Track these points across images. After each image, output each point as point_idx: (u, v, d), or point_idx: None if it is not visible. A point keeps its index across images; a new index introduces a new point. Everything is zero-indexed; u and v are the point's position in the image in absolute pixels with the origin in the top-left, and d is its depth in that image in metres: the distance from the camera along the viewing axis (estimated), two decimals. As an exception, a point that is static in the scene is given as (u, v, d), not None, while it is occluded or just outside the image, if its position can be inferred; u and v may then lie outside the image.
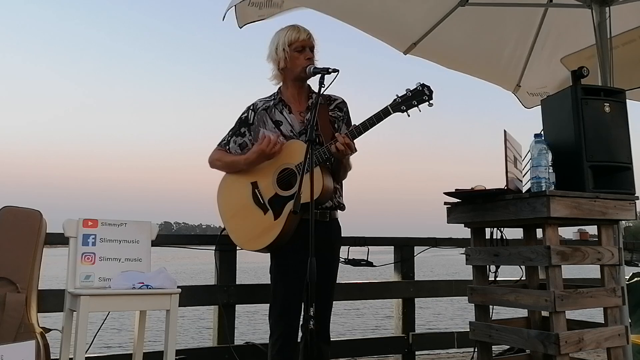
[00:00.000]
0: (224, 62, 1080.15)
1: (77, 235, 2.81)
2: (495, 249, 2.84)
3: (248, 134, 2.87)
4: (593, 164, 2.62)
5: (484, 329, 2.81)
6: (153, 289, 2.68)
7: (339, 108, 2.90)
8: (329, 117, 2.82)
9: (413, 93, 2.59)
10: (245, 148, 2.86)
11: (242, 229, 2.81)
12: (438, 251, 4.48)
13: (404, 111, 2.58)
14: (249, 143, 2.86)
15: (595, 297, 2.59)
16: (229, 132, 2.93)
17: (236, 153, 2.88)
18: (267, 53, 2.84)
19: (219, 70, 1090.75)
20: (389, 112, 2.59)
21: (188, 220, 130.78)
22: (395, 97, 2.60)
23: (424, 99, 2.59)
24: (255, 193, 2.76)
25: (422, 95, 2.58)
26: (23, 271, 2.88)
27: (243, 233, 2.81)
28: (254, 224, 2.73)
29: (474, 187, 2.78)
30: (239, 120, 2.92)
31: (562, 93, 2.78)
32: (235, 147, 2.89)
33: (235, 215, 2.84)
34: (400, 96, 2.60)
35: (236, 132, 2.91)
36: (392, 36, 3.96)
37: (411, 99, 2.58)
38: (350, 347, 4.14)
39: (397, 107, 2.58)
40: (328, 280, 2.75)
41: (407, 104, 2.58)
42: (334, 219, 2.84)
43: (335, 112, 2.87)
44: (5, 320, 2.72)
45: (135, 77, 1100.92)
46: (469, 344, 3.14)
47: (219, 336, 3.57)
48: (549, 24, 4.02)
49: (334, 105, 2.89)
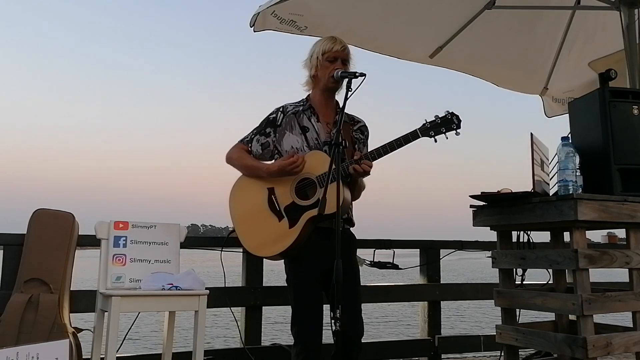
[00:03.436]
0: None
1: (108, 237, 2.88)
2: (522, 252, 2.83)
3: (273, 134, 2.88)
4: (621, 167, 2.60)
5: (510, 332, 2.79)
6: (182, 290, 2.73)
7: (361, 131, 2.96)
8: (352, 136, 2.87)
9: (442, 120, 2.64)
10: (267, 148, 2.88)
11: (255, 233, 2.80)
12: (464, 254, 4.46)
13: (431, 136, 2.64)
14: (271, 144, 2.87)
15: (624, 301, 2.56)
16: (252, 130, 2.93)
17: (256, 152, 2.89)
18: (304, 60, 2.89)
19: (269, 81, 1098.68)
20: (417, 136, 2.64)
21: (215, 222, 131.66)
22: (424, 122, 2.65)
23: (452, 127, 2.64)
24: (271, 199, 2.76)
25: (450, 123, 2.64)
26: (56, 272, 2.95)
27: (255, 238, 2.80)
28: (268, 230, 2.73)
29: (500, 190, 2.77)
30: (266, 119, 2.92)
31: (590, 96, 2.76)
32: (257, 146, 2.89)
33: (248, 219, 2.83)
34: (429, 122, 2.64)
35: (260, 131, 2.91)
36: (417, 41, 3.97)
37: (440, 126, 2.63)
38: (376, 349, 4.14)
39: (426, 132, 2.64)
40: (350, 282, 2.75)
41: (435, 131, 2.63)
42: (347, 229, 2.86)
43: (358, 134, 2.93)
44: (38, 320, 2.80)
45: (179, 77, 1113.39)
46: (496, 347, 3.13)
47: (246, 337, 3.61)
48: (575, 29, 4.00)
49: (357, 127, 2.95)
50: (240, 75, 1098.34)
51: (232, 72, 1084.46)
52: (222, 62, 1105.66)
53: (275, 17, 3.44)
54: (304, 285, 2.68)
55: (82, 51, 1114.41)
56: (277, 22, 3.48)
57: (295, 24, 3.48)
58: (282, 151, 2.84)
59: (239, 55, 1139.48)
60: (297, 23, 3.47)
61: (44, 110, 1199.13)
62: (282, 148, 2.84)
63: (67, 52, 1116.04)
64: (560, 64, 4.23)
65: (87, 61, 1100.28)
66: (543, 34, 4.08)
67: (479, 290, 4.39)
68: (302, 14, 3.46)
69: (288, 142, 2.82)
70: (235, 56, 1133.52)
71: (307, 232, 2.66)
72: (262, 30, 3.51)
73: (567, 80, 4.33)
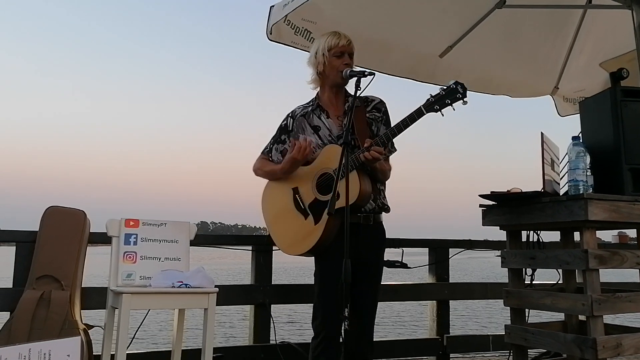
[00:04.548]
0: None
1: (119, 235, 2.90)
2: (532, 252, 2.82)
3: (288, 141, 2.89)
4: (633, 167, 2.58)
5: (519, 332, 2.79)
6: (192, 287, 2.75)
7: (377, 109, 2.88)
8: (366, 119, 2.82)
9: (446, 92, 2.51)
10: (286, 154, 2.88)
11: (285, 234, 2.84)
12: (473, 253, 4.46)
13: (437, 110, 2.51)
14: (289, 149, 2.88)
15: (635, 302, 2.55)
16: (270, 140, 2.98)
17: (277, 161, 2.91)
18: (308, 57, 2.87)
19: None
20: (422, 113, 2.53)
21: (224, 220, 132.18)
22: (429, 97, 2.53)
23: (457, 97, 2.49)
24: (296, 198, 2.78)
25: (455, 93, 2.49)
26: (67, 269, 2.98)
27: (286, 238, 2.84)
28: (296, 229, 2.76)
29: (510, 190, 2.77)
30: (279, 128, 2.95)
31: (601, 95, 2.75)
32: (277, 155, 2.93)
33: (278, 220, 2.87)
34: (433, 96, 2.53)
35: (277, 140, 2.95)
36: (427, 40, 3.96)
37: (445, 98, 2.50)
38: (384, 348, 4.15)
39: (431, 107, 2.51)
40: (372, 283, 2.75)
41: (441, 104, 2.50)
42: (379, 223, 2.82)
43: (373, 114, 2.86)
44: (50, 316, 2.82)
45: (179, 72, 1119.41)
46: (504, 347, 3.13)
47: (255, 335, 3.62)
48: (586, 29, 3.98)
49: (372, 106, 2.88)
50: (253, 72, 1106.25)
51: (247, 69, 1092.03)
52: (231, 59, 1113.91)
53: (288, 26, 3.39)
54: (327, 280, 2.69)
55: (96, 49, 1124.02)
56: (291, 33, 3.42)
57: (311, 35, 3.42)
58: None
59: (238, 55, 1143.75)
60: (313, 34, 3.41)
61: (58, 109, 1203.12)
62: None
63: (82, 48, 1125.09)
64: (571, 63, 4.21)
65: (101, 58, 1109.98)
66: (554, 33, 4.06)
67: (488, 290, 4.38)
68: (315, 21, 3.42)
69: None
70: (233, 55, 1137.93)
71: (333, 227, 2.64)
72: (277, 42, 3.45)
73: (578, 80, 4.31)
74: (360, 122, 2.76)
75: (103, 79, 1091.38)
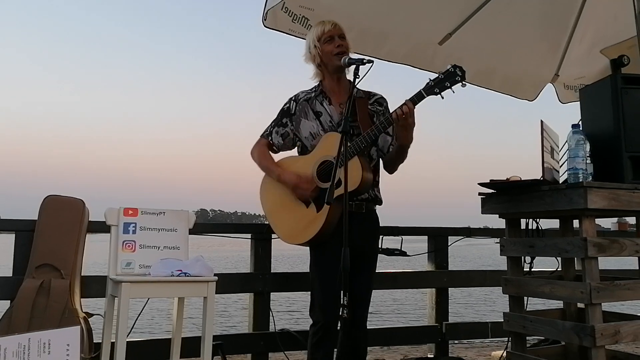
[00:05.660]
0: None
1: (118, 224, 2.90)
2: (531, 240, 2.82)
3: (290, 124, 2.92)
4: (632, 155, 2.57)
5: (518, 319, 2.80)
6: (191, 276, 2.75)
7: (379, 103, 2.92)
8: (368, 110, 2.84)
9: (445, 75, 2.56)
10: (287, 137, 2.92)
11: (286, 223, 2.84)
12: (472, 240, 4.46)
13: (437, 93, 2.56)
14: (291, 133, 2.91)
15: (633, 290, 2.55)
16: (271, 123, 2.98)
17: (279, 143, 2.93)
18: (304, 56, 2.90)
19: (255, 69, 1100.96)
20: (422, 97, 2.58)
21: (223, 207, 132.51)
22: (428, 81, 2.58)
23: (456, 79, 2.55)
24: None
25: (454, 76, 2.54)
26: (67, 258, 2.98)
27: (287, 227, 2.83)
28: (298, 218, 2.75)
29: (509, 178, 2.76)
30: (281, 111, 2.96)
31: (601, 82, 2.73)
32: (277, 138, 2.94)
33: (277, 209, 2.87)
34: (432, 79, 2.57)
35: (278, 123, 2.95)
36: (426, 27, 3.94)
37: (444, 81, 2.55)
38: (383, 336, 4.17)
39: (431, 90, 2.56)
40: (366, 271, 2.77)
41: (441, 87, 2.55)
42: (372, 211, 2.84)
43: (375, 107, 2.89)
44: (50, 305, 2.83)
45: (175, 61, 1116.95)
46: (503, 334, 3.13)
47: (254, 323, 3.63)
48: (587, 16, 3.96)
49: (374, 100, 2.91)
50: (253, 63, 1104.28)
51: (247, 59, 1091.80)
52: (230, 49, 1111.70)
53: (286, 13, 3.36)
54: (324, 269, 2.71)
55: (96, 39, 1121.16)
56: (289, 20, 3.39)
57: (308, 22, 3.39)
58: (301, 138, 2.87)
59: (238, 54, 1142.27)
60: (310, 21, 3.38)
61: (56, 98, 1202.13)
62: (300, 135, 2.88)
63: (79, 39, 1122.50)
64: (571, 50, 4.18)
65: (98, 47, 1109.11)
66: (555, 20, 4.03)
67: (487, 278, 4.39)
68: (312, 7, 3.40)
69: (305, 129, 2.85)
70: (233, 54, 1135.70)
71: (335, 215, 2.64)
72: (273, 29, 3.41)
73: (578, 67, 4.29)
74: (362, 112, 2.79)
75: (99, 68, 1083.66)
